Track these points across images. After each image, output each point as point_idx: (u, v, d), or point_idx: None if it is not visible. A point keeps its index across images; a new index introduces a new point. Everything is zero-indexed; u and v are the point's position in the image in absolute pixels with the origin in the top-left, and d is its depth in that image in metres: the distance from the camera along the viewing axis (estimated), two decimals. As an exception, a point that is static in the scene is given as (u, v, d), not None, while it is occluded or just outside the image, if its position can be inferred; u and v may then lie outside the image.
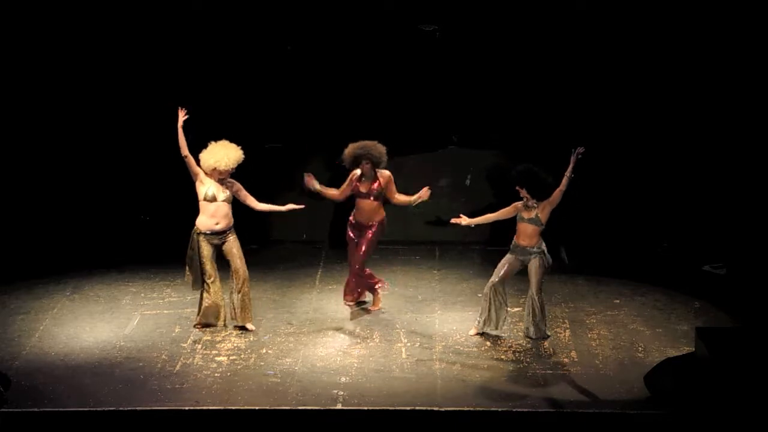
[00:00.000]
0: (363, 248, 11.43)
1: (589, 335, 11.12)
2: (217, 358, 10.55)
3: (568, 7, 13.12)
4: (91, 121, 13.49)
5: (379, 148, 11.28)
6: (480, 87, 13.46)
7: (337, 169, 11.96)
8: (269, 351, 10.74)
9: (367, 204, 11.39)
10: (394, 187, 11.40)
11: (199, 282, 11.02)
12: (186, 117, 10.73)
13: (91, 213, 13.63)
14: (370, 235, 11.44)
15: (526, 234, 10.81)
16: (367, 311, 11.64)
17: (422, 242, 13.69)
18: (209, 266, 10.98)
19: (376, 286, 11.62)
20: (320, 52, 13.42)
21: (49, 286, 12.30)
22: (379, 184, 11.32)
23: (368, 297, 11.82)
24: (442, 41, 13.34)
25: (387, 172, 11.37)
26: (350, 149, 11.33)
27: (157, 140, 10.91)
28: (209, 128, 11.18)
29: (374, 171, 11.31)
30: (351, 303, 11.77)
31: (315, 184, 11.40)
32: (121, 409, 9.56)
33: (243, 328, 11.14)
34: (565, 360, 10.57)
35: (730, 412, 9.23)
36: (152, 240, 13.09)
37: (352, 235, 11.54)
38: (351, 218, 11.53)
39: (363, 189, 11.37)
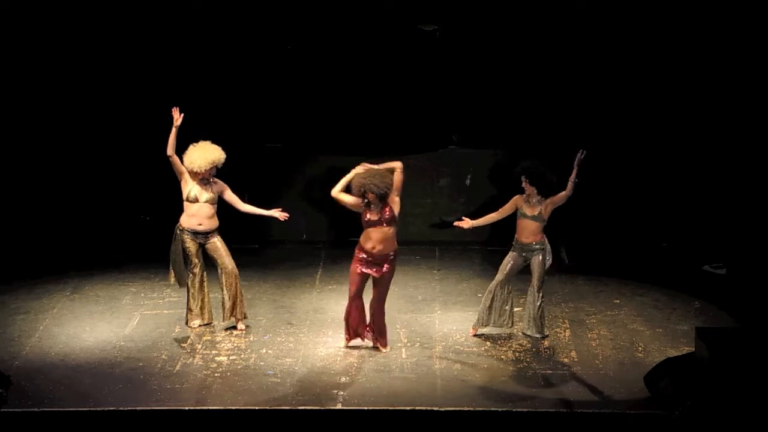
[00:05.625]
0: (385, 287, 10.61)
1: (589, 335, 11.12)
2: (217, 358, 10.55)
3: (568, 7, 13.12)
4: (91, 121, 13.49)
5: (376, 181, 10.29)
6: (480, 87, 13.46)
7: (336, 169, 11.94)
8: (269, 351, 10.74)
9: (380, 232, 10.41)
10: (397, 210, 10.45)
11: (183, 278, 11.02)
12: (181, 118, 10.72)
13: (91, 213, 13.64)
14: (387, 270, 10.53)
15: (529, 231, 10.80)
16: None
17: (422, 242, 13.69)
18: (196, 260, 10.99)
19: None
20: (320, 51, 13.42)
21: (49, 286, 12.30)
22: (390, 208, 10.42)
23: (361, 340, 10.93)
24: (442, 41, 13.34)
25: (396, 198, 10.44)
26: (356, 180, 10.35)
27: (158, 140, 10.89)
28: (209, 128, 11.19)
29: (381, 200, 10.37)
30: (348, 340, 10.78)
31: None
32: (121, 409, 9.55)
33: (234, 328, 11.14)
34: (565, 360, 10.57)
35: (730, 412, 9.23)
36: (152, 240, 13.08)
37: (364, 270, 10.53)
38: (361, 252, 10.47)
39: (373, 216, 10.42)
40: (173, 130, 10.70)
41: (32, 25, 13.14)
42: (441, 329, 11.27)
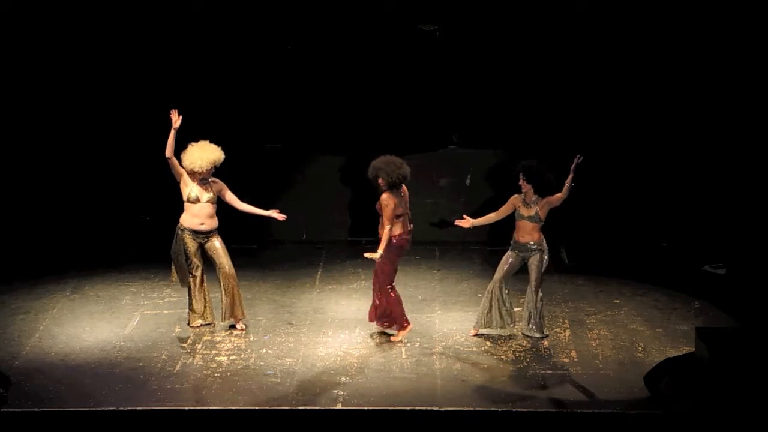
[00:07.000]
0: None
1: (589, 335, 11.12)
2: (217, 358, 10.56)
3: (568, 7, 13.12)
4: (91, 121, 13.48)
5: (379, 166, 10.72)
6: (480, 87, 13.46)
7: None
8: (269, 351, 10.74)
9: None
10: (386, 210, 10.70)
11: (186, 279, 11.03)
12: (180, 120, 10.71)
13: (91, 213, 13.63)
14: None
15: (526, 230, 10.82)
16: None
17: (422, 242, 13.66)
18: (196, 260, 10.98)
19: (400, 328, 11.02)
20: (320, 51, 13.42)
21: (49, 286, 12.30)
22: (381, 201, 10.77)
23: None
24: (442, 41, 13.34)
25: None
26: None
27: (157, 140, 10.89)
28: (209, 128, 11.19)
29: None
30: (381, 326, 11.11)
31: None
32: (121, 409, 9.56)
33: (234, 328, 11.14)
34: (565, 360, 10.58)
35: (729, 412, 9.23)
36: (152, 240, 13.08)
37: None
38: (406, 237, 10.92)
39: None
40: (172, 132, 10.69)
41: (32, 25, 13.13)
42: (441, 329, 11.27)
